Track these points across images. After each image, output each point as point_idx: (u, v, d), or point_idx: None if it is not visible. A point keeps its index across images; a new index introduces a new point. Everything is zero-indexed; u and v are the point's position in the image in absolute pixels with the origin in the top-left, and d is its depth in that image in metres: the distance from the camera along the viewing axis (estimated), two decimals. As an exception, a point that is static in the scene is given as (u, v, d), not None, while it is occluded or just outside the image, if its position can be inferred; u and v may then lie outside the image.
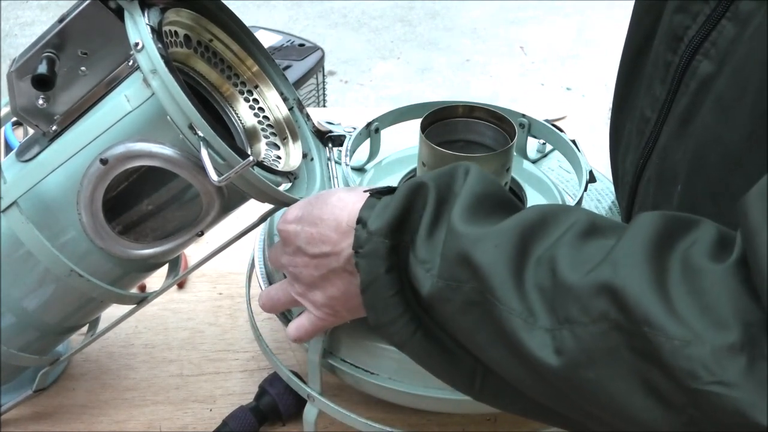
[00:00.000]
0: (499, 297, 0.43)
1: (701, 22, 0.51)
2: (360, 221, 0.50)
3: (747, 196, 0.38)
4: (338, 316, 0.56)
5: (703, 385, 0.36)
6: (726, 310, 0.37)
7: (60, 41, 0.57)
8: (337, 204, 0.53)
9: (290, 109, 0.69)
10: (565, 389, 0.42)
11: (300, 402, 0.68)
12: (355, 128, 0.72)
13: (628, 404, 0.40)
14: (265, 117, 0.68)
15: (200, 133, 0.52)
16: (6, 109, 0.62)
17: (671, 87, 0.54)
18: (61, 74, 0.58)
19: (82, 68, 0.59)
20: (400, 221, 0.48)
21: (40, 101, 0.58)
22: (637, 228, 0.42)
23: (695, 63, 0.52)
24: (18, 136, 1.08)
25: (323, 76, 1.95)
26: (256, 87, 0.68)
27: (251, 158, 0.53)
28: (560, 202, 0.69)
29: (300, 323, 0.58)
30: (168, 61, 0.52)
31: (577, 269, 0.41)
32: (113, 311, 0.67)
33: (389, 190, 0.51)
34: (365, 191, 0.52)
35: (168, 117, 0.52)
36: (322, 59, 1.90)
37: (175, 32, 0.62)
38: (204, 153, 0.52)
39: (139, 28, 0.52)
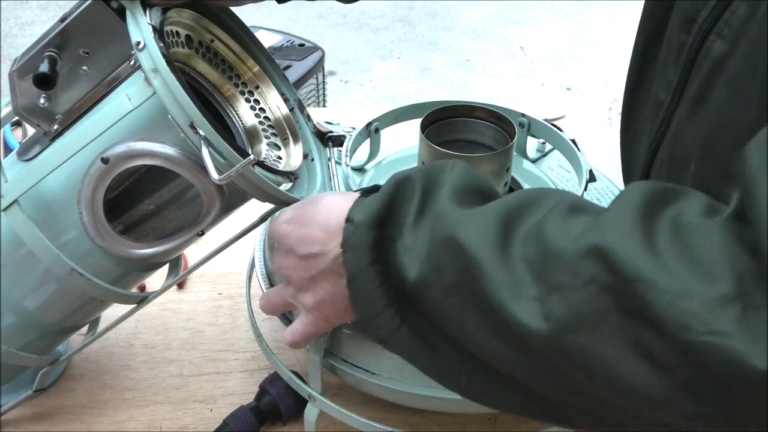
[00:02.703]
0: (486, 271, 0.42)
1: (713, 3, 0.52)
2: (348, 219, 0.50)
3: (746, 147, 0.38)
4: (328, 321, 0.56)
5: (697, 335, 0.36)
6: (718, 262, 0.37)
7: (62, 41, 0.57)
8: (328, 205, 0.53)
9: (291, 109, 0.69)
10: (553, 361, 0.42)
11: (300, 402, 0.68)
12: (354, 128, 0.72)
13: (619, 369, 0.39)
14: (266, 117, 0.68)
15: (201, 132, 0.52)
16: (6, 110, 0.62)
17: (684, 68, 0.55)
18: (62, 74, 0.58)
19: (84, 68, 0.59)
20: (385, 213, 0.48)
21: (42, 100, 0.58)
22: (626, 194, 0.42)
23: (708, 43, 0.52)
24: (17, 137, 1.08)
25: (323, 76, 1.95)
26: (257, 87, 0.68)
27: (252, 157, 0.53)
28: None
29: (294, 328, 0.57)
30: (169, 60, 0.52)
31: (564, 237, 0.41)
32: (113, 311, 0.67)
33: (378, 188, 0.51)
34: (356, 191, 0.52)
35: (169, 116, 0.52)
36: (322, 59, 1.90)
37: (177, 32, 0.62)
38: (205, 152, 0.52)
39: (140, 28, 0.52)
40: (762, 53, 0.47)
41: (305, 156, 0.68)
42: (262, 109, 0.68)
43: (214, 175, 0.52)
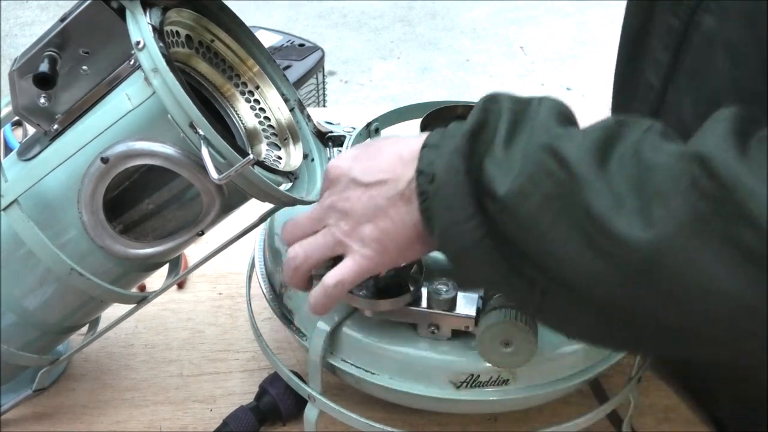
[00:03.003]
0: (587, 182, 0.43)
1: None
2: (426, 146, 0.50)
3: None
4: (386, 255, 0.53)
5: None
6: None
7: (61, 40, 0.57)
8: (398, 141, 0.53)
9: (291, 109, 0.69)
10: (649, 272, 0.42)
11: (300, 402, 0.68)
12: (354, 128, 0.72)
13: (718, 274, 0.40)
14: (266, 118, 0.68)
15: (201, 132, 0.52)
16: (6, 110, 0.62)
17: (676, 48, 0.56)
18: (62, 73, 0.58)
19: (84, 67, 0.59)
20: (476, 128, 0.48)
21: (42, 100, 0.58)
22: (717, 117, 0.43)
23: (696, 19, 0.54)
24: (17, 137, 1.08)
25: (323, 76, 1.96)
26: (257, 87, 0.68)
27: (251, 156, 0.53)
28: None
29: (343, 267, 0.54)
30: (169, 60, 0.52)
31: (662, 154, 0.43)
32: (113, 311, 0.67)
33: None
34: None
35: (169, 116, 0.52)
36: (322, 59, 1.90)
37: (177, 32, 0.62)
38: (204, 151, 0.52)
39: (140, 27, 0.52)
40: (757, 19, 0.48)
41: (305, 156, 0.68)
42: (262, 109, 0.68)
43: (213, 174, 0.52)
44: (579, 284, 0.46)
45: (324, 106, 2.02)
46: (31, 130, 0.61)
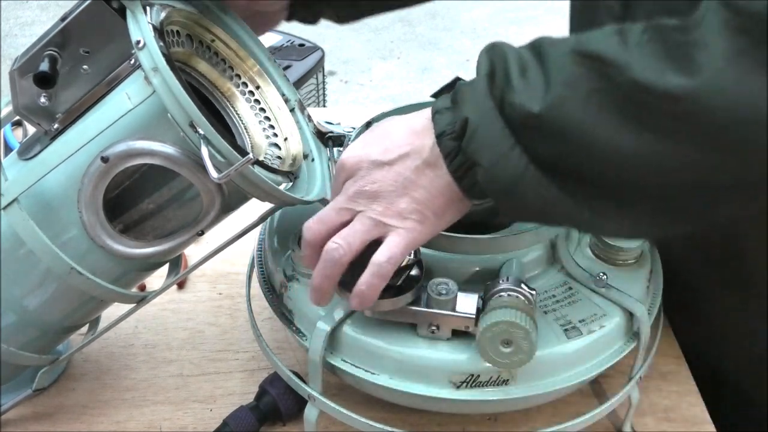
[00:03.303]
0: (627, 61, 0.46)
1: None
2: (438, 112, 0.52)
3: None
4: (426, 223, 0.54)
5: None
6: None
7: (62, 40, 0.57)
8: (400, 119, 0.55)
9: (291, 110, 0.70)
10: (695, 116, 0.45)
11: (300, 402, 0.68)
12: (354, 128, 0.72)
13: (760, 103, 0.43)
14: (266, 117, 0.68)
15: (201, 131, 0.52)
16: (6, 110, 0.62)
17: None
18: (63, 73, 0.58)
19: (84, 67, 0.59)
20: (492, 73, 0.50)
21: (42, 99, 0.58)
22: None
23: None
24: (17, 137, 1.08)
25: (323, 76, 1.95)
26: (258, 87, 0.68)
27: (251, 156, 0.53)
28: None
29: (390, 243, 0.54)
30: (169, 59, 0.52)
31: (675, 20, 0.46)
32: (113, 311, 0.67)
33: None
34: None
35: (169, 115, 0.52)
36: (322, 59, 1.90)
37: (177, 32, 0.62)
38: (204, 150, 0.52)
39: (140, 27, 0.53)
40: None
41: (305, 156, 0.68)
42: (262, 109, 0.68)
43: (213, 173, 0.52)
44: (626, 177, 0.48)
45: (324, 106, 2.02)
46: (31, 130, 0.61)
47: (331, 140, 0.71)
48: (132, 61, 0.58)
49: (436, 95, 0.57)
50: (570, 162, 0.49)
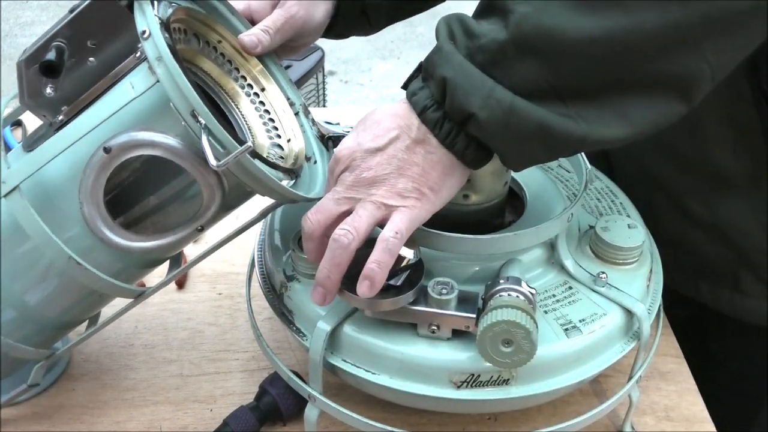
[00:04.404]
0: None
1: None
2: (413, 93, 0.55)
3: None
4: (424, 199, 0.56)
5: None
6: None
7: (69, 32, 0.58)
8: (382, 108, 0.57)
9: (296, 114, 0.70)
10: None
11: (301, 402, 0.68)
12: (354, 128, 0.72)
13: None
14: (270, 119, 0.68)
15: (202, 121, 0.52)
16: (7, 110, 0.62)
17: None
18: (69, 65, 0.58)
19: (91, 59, 0.59)
20: (451, 34, 0.53)
21: (48, 90, 0.59)
22: None
23: None
24: (17, 137, 1.08)
25: (323, 76, 1.96)
26: (263, 89, 0.69)
27: (249, 144, 0.53)
28: (561, 201, 0.69)
29: (395, 220, 0.55)
30: (173, 49, 0.52)
31: None
32: (113, 311, 0.67)
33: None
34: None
35: (171, 104, 0.53)
36: (322, 59, 1.90)
37: (184, 30, 0.62)
38: (204, 139, 0.52)
39: (147, 18, 0.53)
40: None
41: (308, 158, 0.68)
42: (266, 110, 0.69)
43: (212, 161, 0.52)
44: (605, 66, 0.50)
45: (324, 106, 2.03)
46: (31, 130, 0.61)
47: (331, 141, 0.71)
48: (138, 54, 0.58)
49: (404, 86, 0.58)
50: (550, 76, 0.51)
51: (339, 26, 0.76)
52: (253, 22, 0.69)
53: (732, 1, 0.49)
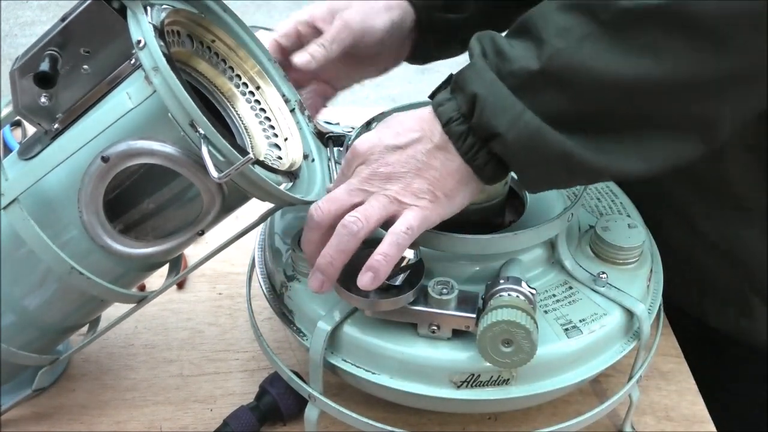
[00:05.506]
0: None
1: None
2: (440, 104, 0.55)
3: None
4: (437, 203, 0.56)
5: None
6: None
7: (62, 39, 0.57)
8: (409, 112, 0.58)
9: (292, 110, 0.70)
10: (686, 24, 0.48)
11: (301, 402, 0.68)
12: (354, 128, 0.72)
13: None
14: (267, 118, 0.68)
15: (201, 131, 0.52)
16: (6, 110, 0.62)
17: None
18: (63, 72, 0.58)
19: (85, 67, 0.59)
20: (484, 52, 0.54)
21: (43, 99, 0.58)
22: None
23: None
24: (17, 137, 1.08)
25: (323, 76, 1.95)
26: (258, 88, 0.68)
27: (251, 155, 0.53)
28: (561, 201, 0.69)
29: (407, 216, 0.56)
30: (170, 58, 0.52)
31: None
32: (113, 311, 0.67)
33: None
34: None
35: (169, 114, 0.52)
36: (321, 59, 1.89)
37: (178, 32, 0.62)
38: (204, 150, 0.52)
39: (141, 26, 0.53)
40: None
41: (305, 156, 0.68)
42: (262, 110, 0.68)
43: (213, 173, 0.52)
44: (632, 105, 0.51)
45: (324, 105, 2.02)
46: (31, 130, 0.61)
47: (331, 140, 0.71)
48: (132, 61, 0.58)
49: (432, 95, 0.58)
50: (578, 108, 0.51)
51: (422, 47, 0.77)
52: (313, 37, 0.71)
53: (764, 56, 0.49)
